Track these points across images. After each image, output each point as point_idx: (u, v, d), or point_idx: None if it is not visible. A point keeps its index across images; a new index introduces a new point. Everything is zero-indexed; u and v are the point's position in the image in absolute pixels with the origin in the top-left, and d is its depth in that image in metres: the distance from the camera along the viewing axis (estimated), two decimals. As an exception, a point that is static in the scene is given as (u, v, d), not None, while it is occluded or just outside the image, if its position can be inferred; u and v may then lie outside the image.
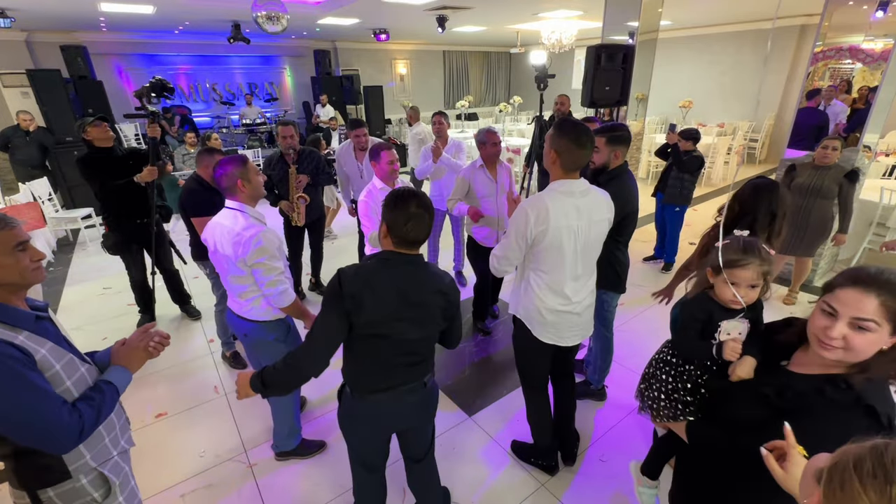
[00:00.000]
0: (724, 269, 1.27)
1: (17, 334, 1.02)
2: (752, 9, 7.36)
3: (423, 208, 1.35)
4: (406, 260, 1.40)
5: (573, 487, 2.13)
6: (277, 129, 3.39)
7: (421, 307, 1.39)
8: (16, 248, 1.07)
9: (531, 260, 1.81)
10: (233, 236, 1.82)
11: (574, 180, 1.73)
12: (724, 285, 1.29)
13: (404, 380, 1.49)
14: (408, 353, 1.45)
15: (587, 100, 4.23)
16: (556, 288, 1.81)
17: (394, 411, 1.53)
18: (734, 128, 8.82)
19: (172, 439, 2.46)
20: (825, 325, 0.96)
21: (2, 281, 1.06)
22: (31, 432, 1.00)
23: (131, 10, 6.12)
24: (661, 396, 1.41)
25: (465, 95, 12.18)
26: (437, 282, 1.43)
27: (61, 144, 6.14)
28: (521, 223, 1.70)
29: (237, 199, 1.90)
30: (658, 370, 1.48)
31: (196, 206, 2.66)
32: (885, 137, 6.56)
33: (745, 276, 1.26)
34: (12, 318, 1.04)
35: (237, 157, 1.90)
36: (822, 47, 3.81)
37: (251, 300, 1.96)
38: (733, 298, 1.28)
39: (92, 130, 3.04)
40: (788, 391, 1.02)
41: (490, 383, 2.85)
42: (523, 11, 7.32)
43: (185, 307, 3.73)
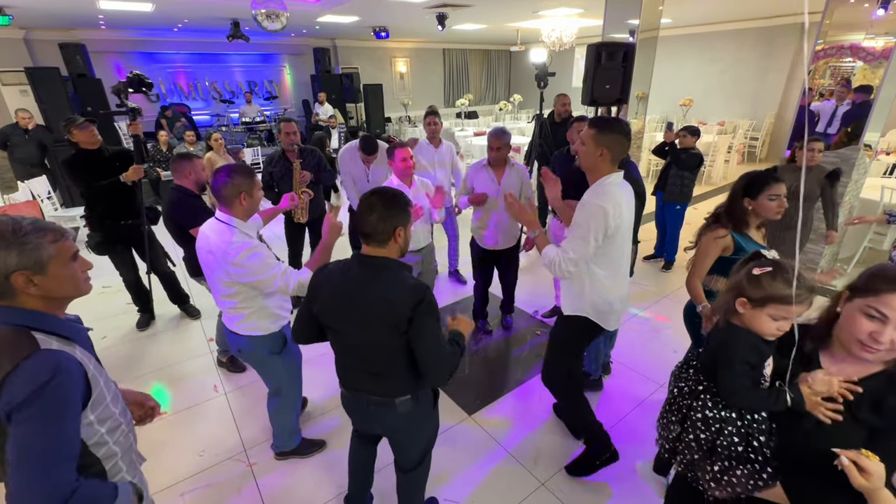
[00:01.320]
0: (773, 304, 1.09)
1: (75, 349, 0.98)
2: (752, 7, 7.34)
3: (377, 197, 1.36)
4: (360, 260, 1.39)
5: (573, 487, 2.13)
6: (280, 125, 3.38)
7: (364, 311, 1.35)
8: (72, 259, 1.02)
9: (600, 255, 1.82)
10: (219, 253, 1.75)
11: (619, 172, 1.80)
12: (768, 319, 1.11)
13: (368, 388, 1.48)
14: (364, 359, 1.44)
15: (587, 98, 4.21)
16: (622, 275, 1.92)
17: (361, 415, 1.58)
18: (734, 126, 8.81)
19: (172, 439, 2.46)
20: (873, 330, 0.96)
21: (60, 294, 1.01)
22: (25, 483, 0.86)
23: (130, 8, 6.09)
24: (732, 464, 1.10)
25: (465, 94, 12.17)
26: (383, 289, 1.34)
27: (60, 142, 6.11)
28: (600, 219, 1.69)
29: (230, 213, 1.80)
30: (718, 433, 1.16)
31: (191, 216, 2.47)
32: (886, 136, 6.55)
33: (799, 311, 1.07)
34: (68, 332, 1.00)
35: (245, 169, 1.83)
36: (823, 45, 3.80)
37: (242, 316, 1.90)
38: (776, 333, 1.12)
39: (77, 133, 3.00)
40: (882, 405, 0.97)
41: (490, 383, 2.85)
42: (523, 9, 7.30)
43: (184, 307, 3.72)
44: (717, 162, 7.68)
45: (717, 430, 1.16)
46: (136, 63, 8.85)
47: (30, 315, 0.96)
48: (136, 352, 3.27)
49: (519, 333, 3.40)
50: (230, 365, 3.02)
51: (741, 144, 8.59)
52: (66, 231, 1.03)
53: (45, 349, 0.92)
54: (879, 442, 0.96)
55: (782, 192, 1.78)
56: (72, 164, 3.03)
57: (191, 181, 2.64)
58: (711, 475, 1.13)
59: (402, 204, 1.38)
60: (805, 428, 1.07)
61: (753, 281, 1.12)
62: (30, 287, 0.95)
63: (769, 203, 1.79)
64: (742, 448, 1.12)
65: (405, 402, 1.47)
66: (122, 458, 1.09)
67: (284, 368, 2.09)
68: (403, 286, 1.35)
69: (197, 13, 6.86)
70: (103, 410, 1.02)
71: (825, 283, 1.88)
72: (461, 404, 2.67)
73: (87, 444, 0.99)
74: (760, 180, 1.81)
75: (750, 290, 1.12)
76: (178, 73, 9.41)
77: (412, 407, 1.49)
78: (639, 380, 2.84)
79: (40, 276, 0.96)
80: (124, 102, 3.00)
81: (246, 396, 2.78)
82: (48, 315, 0.99)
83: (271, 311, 1.94)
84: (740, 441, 1.12)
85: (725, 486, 1.10)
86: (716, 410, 1.18)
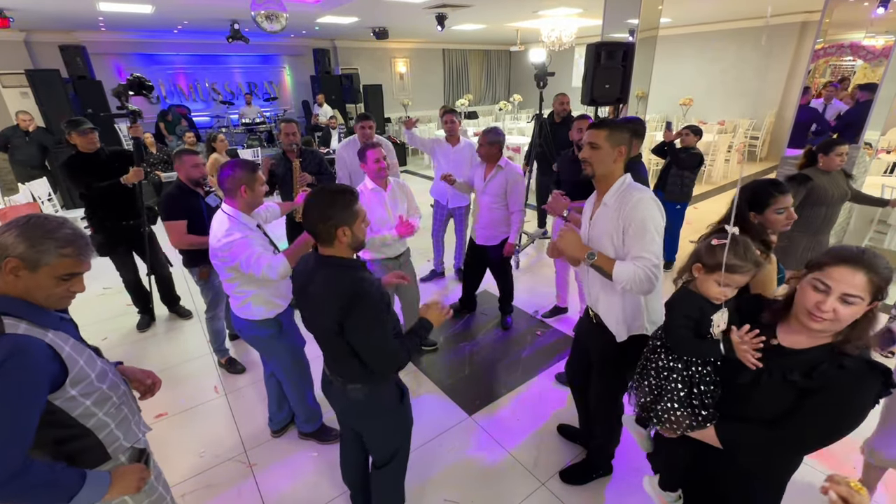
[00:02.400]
0: (720, 271, 1.24)
1: (46, 332, 1.04)
2: (752, 6, 7.33)
3: (311, 202, 1.39)
4: (315, 256, 1.45)
5: (573, 487, 2.13)
6: (280, 126, 3.39)
7: (308, 305, 1.46)
8: (62, 277, 1.07)
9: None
10: (214, 241, 1.91)
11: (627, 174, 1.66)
12: (714, 284, 1.28)
13: (332, 367, 1.57)
14: (321, 345, 1.54)
15: (587, 97, 4.21)
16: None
17: (328, 395, 1.65)
18: (735, 125, 8.80)
19: (172, 439, 2.46)
20: (818, 300, 1.06)
21: (35, 295, 1.06)
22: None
23: (130, 10, 6.10)
24: (674, 406, 1.31)
25: (465, 94, 12.18)
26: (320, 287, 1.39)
27: (61, 144, 6.12)
28: (657, 217, 1.57)
29: (234, 204, 1.95)
30: (664, 380, 1.37)
31: (169, 210, 2.60)
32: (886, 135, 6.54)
33: (739, 280, 1.27)
34: (39, 318, 1.05)
35: (247, 163, 1.95)
36: (823, 44, 3.80)
37: (241, 299, 2.05)
38: (719, 296, 1.28)
39: (77, 138, 3.03)
40: (816, 372, 1.08)
41: (490, 383, 2.85)
42: (523, 9, 7.30)
43: (175, 308, 3.73)
44: (718, 161, 7.68)
45: (664, 376, 1.38)
46: (136, 65, 8.85)
47: (4, 299, 1.02)
48: (136, 353, 3.27)
49: (519, 334, 3.40)
50: (229, 366, 3.03)
51: (741, 144, 8.57)
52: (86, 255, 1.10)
53: (9, 333, 0.98)
54: (807, 401, 1.09)
55: (789, 204, 1.65)
56: (70, 165, 3.04)
57: (182, 176, 2.72)
58: (656, 414, 1.35)
59: (342, 203, 1.37)
60: (741, 382, 1.22)
61: (710, 250, 1.29)
62: (16, 275, 1.02)
63: (777, 217, 1.64)
64: (685, 393, 1.31)
65: (356, 389, 1.52)
66: (116, 427, 1.18)
67: (284, 350, 2.19)
68: (337, 288, 1.36)
69: (196, 15, 6.87)
70: (86, 386, 1.09)
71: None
72: (461, 404, 2.67)
73: (71, 414, 1.07)
74: (765, 194, 1.65)
75: (705, 258, 1.30)
76: (178, 74, 9.41)
77: (363, 396, 1.53)
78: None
79: (27, 272, 1.02)
80: (125, 105, 3.02)
81: (246, 397, 2.78)
82: (20, 301, 1.04)
83: (266, 298, 2.06)
84: (683, 387, 1.32)
85: (667, 423, 1.32)
86: (665, 361, 1.39)
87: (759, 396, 1.18)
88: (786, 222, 1.66)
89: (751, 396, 1.21)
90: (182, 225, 2.59)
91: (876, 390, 1.05)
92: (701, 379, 1.31)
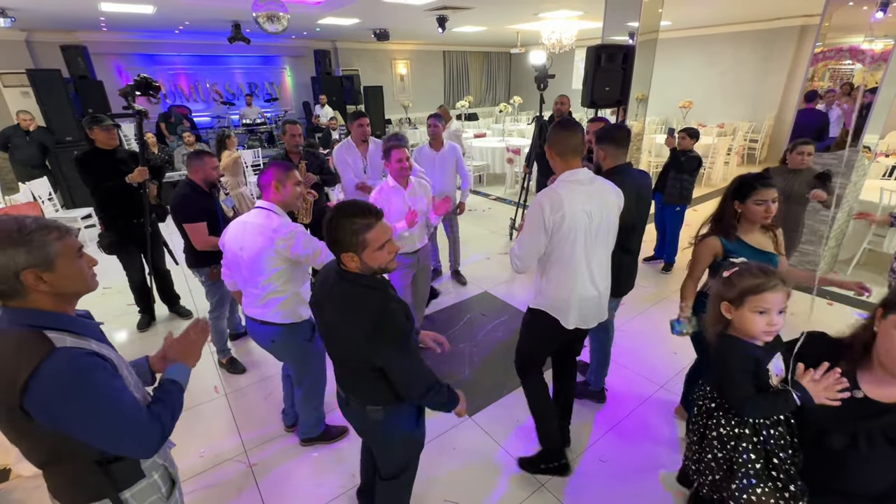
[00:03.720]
0: (749, 297, 1.13)
1: (90, 343, 1.02)
2: (751, 9, 7.36)
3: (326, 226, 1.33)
4: (337, 270, 1.38)
5: (574, 488, 2.13)
6: (284, 127, 3.38)
7: (328, 324, 1.41)
8: (78, 255, 1.04)
9: (554, 250, 1.84)
10: (269, 231, 1.87)
11: (578, 169, 1.80)
12: (752, 316, 1.14)
13: (347, 386, 1.52)
14: (336, 362, 1.49)
15: (587, 100, 4.23)
16: (582, 274, 1.87)
17: (344, 408, 1.60)
18: (734, 128, 8.83)
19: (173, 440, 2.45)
20: None
21: (69, 290, 1.03)
22: (123, 440, 1.00)
23: (131, 10, 6.12)
24: (752, 482, 1.09)
25: (466, 95, 12.19)
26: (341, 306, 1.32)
27: (61, 144, 6.14)
28: (538, 214, 1.76)
29: (271, 200, 1.98)
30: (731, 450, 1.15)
31: (189, 212, 2.60)
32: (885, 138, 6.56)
33: (774, 298, 1.12)
34: (80, 328, 1.03)
35: (284, 164, 2.02)
36: (823, 48, 3.81)
37: (277, 302, 1.97)
38: (766, 329, 1.13)
39: (99, 133, 3.03)
40: None
41: (490, 383, 2.85)
42: (523, 11, 7.32)
43: (174, 308, 3.73)
44: (717, 163, 7.70)
45: (732, 447, 1.15)
46: (138, 65, 8.86)
47: (42, 315, 0.99)
48: (136, 353, 3.21)
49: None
50: (230, 366, 3.03)
51: (741, 146, 8.60)
52: (69, 228, 1.05)
53: (60, 347, 0.95)
54: None
55: (769, 198, 1.76)
56: (84, 161, 3.05)
57: (199, 177, 2.70)
58: (730, 494, 1.13)
59: (348, 230, 1.28)
60: (834, 447, 1.01)
61: (727, 283, 1.19)
62: (40, 284, 0.97)
63: (756, 208, 1.78)
64: (761, 465, 1.10)
65: (375, 411, 1.47)
66: None
67: (316, 357, 2.18)
68: (361, 308, 1.30)
69: (198, 15, 6.88)
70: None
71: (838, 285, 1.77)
72: (461, 405, 2.67)
73: None
74: (749, 184, 1.80)
75: (727, 293, 1.19)
76: (179, 74, 9.43)
77: (383, 418, 1.48)
78: (639, 381, 2.84)
79: (49, 273, 0.97)
80: (132, 105, 3.03)
81: (246, 397, 2.78)
82: (59, 314, 1.01)
83: (303, 298, 2.04)
84: (758, 458, 1.10)
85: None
86: (729, 427, 1.17)
87: (862, 465, 0.98)
88: (764, 215, 1.78)
89: (848, 465, 1.00)
90: (204, 226, 2.60)
91: None
92: (776, 444, 1.10)
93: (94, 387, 0.95)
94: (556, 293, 1.91)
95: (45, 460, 1.04)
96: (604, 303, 1.99)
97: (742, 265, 1.20)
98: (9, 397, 0.91)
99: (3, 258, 0.93)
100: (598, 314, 1.99)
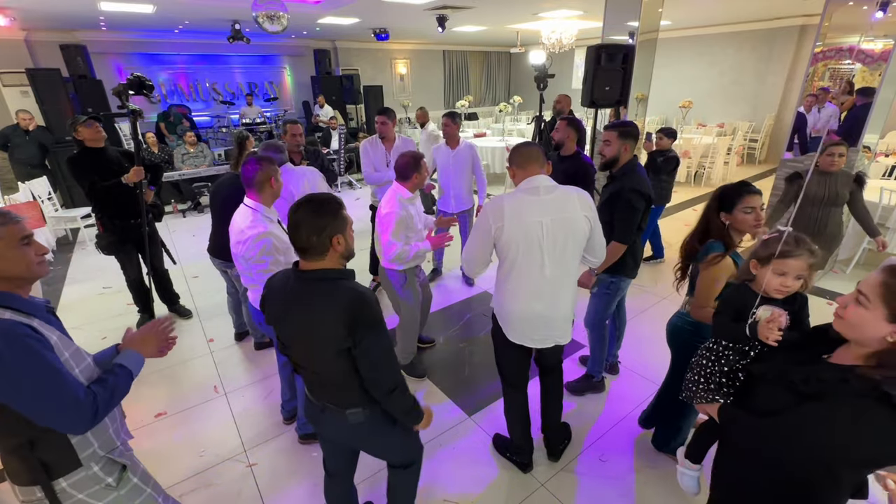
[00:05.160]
0: (775, 259, 1.30)
1: (31, 321, 1.07)
2: (751, 9, 7.36)
3: (298, 215, 1.28)
4: (298, 276, 1.33)
5: (573, 487, 2.13)
6: (285, 127, 3.38)
7: (299, 327, 1.34)
8: (21, 242, 1.11)
9: (502, 259, 1.85)
10: (238, 234, 1.97)
11: (535, 176, 1.76)
12: (771, 274, 1.32)
13: (322, 397, 1.45)
14: (309, 370, 1.42)
15: (587, 100, 4.23)
16: (524, 287, 1.82)
17: (321, 423, 1.52)
18: (734, 128, 8.83)
19: (172, 439, 2.46)
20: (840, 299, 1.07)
21: (8, 274, 1.09)
22: (49, 409, 1.03)
23: (131, 10, 6.11)
24: (699, 379, 1.44)
25: (465, 95, 12.18)
26: (317, 304, 1.29)
27: (61, 143, 6.13)
28: (481, 221, 1.79)
29: (257, 198, 2.02)
30: (700, 356, 1.49)
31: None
32: (885, 138, 6.56)
33: (795, 265, 1.31)
34: (24, 307, 1.09)
35: (271, 157, 2.07)
36: (822, 48, 3.81)
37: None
38: (778, 288, 1.33)
39: (83, 131, 3.02)
40: (813, 378, 1.05)
41: (490, 383, 2.85)
42: (523, 11, 7.32)
43: (174, 307, 3.73)
44: (717, 164, 7.69)
45: (701, 354, 1.50)
46: (137, 64, 8.85)
47: None
48: (136, 352, 3.26)
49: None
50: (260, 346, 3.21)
51: (741, 146, 8.60)
52: (13, 216, 1.13)
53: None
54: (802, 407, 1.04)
55: (757, 204, 1.70)
56: (76, 162, 3.04)
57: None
58: (685, 386, 1.51)
59: (332, 211, 1.30)
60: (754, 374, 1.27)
61: (763, 245, 1.37)
62: None
63: (745, 216, 1.71)
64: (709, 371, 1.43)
65: (355, 413, 1.43)
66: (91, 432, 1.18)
67: None
68: (341, 303, 1.27)
69: (198, 15, 6.87)
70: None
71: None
72: (461, 405, 2.67)
73: None
74: (733, 193, 1.74)
75: (760, 252, 1.37)
76: (179, 74, 9.42)
77: (365, 419, 1.44)
78: (639, 381, 2.84)
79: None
80: (126, 104, 3.02)
81: (246, 397, 2.78)
82: (3, 292, 1.07)
83: None
84: (710, 365, 1.44)
85: (689, 393, 1.48)
86: (708, 343, 1.51)
87: (763, 389, 1.21)
88: (754, 222, 1.72)
89: (756, 387, 1.24)
90: None
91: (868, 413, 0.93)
92: (726, 361, 1.40)
93: (25, 358, 1.00)
94: (500, 303, 1.94)
95: None
96: (555, 324, 1.88)
97: (783, 232, 1.32)
98: None
99: None
100: (545, 333, 1.90)
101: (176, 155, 6.65)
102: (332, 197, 1.35)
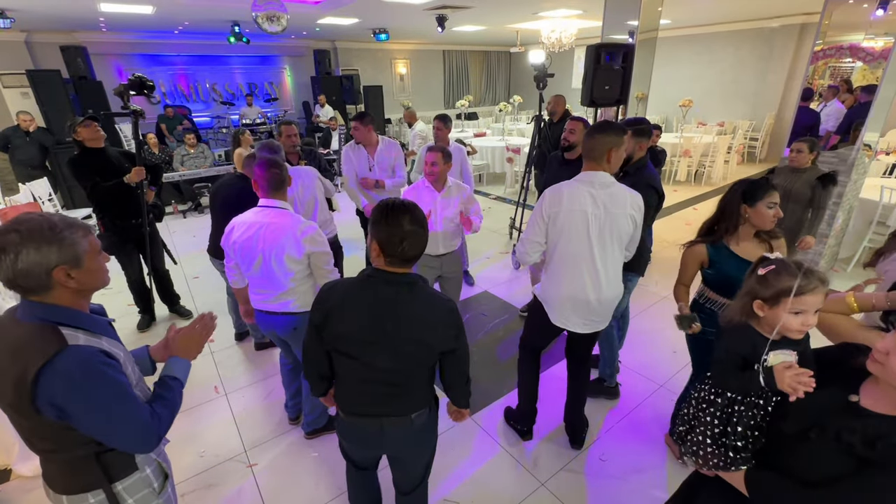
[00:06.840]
0: (786, 298, 1.13)
1: (101, 340, 1.04)
2: (751, 8, 7.35)
3: (417, 224, 1.26)
4: (387, 279, 1.27)
5: (574, 487, 2.13)
6: (281, 128, 3.37)
7: (396, 335, 1.27)
8: (99, 251, 1.09)
9: (552, 245, 1.92)
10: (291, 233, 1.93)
11: (596, 172, 1.85)
12: (787, 316, 1.13)
13: (385, 410, 1.39)
14: (385, 383, 1.34)
15: (587, 99, 4.22)
16: (572, 273, 1.92)
17: (375, 439, 1.45)
18: (734, 127, 8.82)
19: (172, 439, 2.43)
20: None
21: (91, 286, 1.07)
22: (119, 434, 1.03)
23: (131, 11, 6.12)
24: (706, 442, 1.21)
25: (465, 95, 12.18)
26: (425, 313, 1.29)
27: (61, 145, 6.14)
28: (538, 205, 1.90)
29: (282, 198, 2.03)
30: (701, 412, 1.28)
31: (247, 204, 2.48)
32: (886, 136, 6.55)
33: (813, 301, 1.12)
34: (93, 325, 1.06)
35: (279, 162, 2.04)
36: (823, 46, 3.81)
37: (299, 294, 2.06)
38: (800, 328, 1.14)
39: (82, 131, 3.01)
40: (879, 441, 0.88)
41: (490, 383, 2.85)
42: (523, 11, 7.31)
43: (175, 308, 3.73)
44: (717, 162, 7.69)
45: (702, 408, 1.29)
46: (137, 65, 8.87)
47: (58, 311, 1.01)
48: (136, 353, 3.27)
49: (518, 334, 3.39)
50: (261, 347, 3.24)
51: (741, 145, 8.59)
52: (90, 226, 1.09)
53: (72, 345, 0.97)
54: (866, 475, 0.90)
55: (778, 200, 1.74)
56: (76, 163, 3.04)
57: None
58: (686, 447, 1.28)
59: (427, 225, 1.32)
60: (787, 432, 1.06)
61: (762, 281, 1.17)
62: (68, 281, 1.00)
63: (767, 211, 1.72)
64: (719, 431, 1.21)
65: (421, 414, 1.43)
66: None
67: None
68: (441, 308, 1.31)
69: (197, 16, 6.88)
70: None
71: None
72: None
73: None
74: (760, 187, 1.73)
75: (761, 291, 1.17)
76: (179, 75, 9.43)
77: (427, 418, 1.46)
78: (639, 380, 2.84)
79: (77, 270, 1.01)
80: (127, 104, 3.03)
81: (246, 397, 2.78)
82: (75, 311, 1.04)
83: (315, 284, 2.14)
84: (719, 424, 1.22)
85: (693, 456, 1.24)
86: (707, 393, 1.30)
87: (808, 453, 1.00)
88: (773, 218, 1.75)
89: (797, 449, 1.02)
90: None
91: None
92: (740, 419, 1.18)
93: (101, 387, 0.98)
94: (547, 287, 2.02)
95: (43, 448, 1.06)
96: (599, 309, 1.98)
97: (779, 262, 1.17)
98: (18, 387, 0.93)
99: (37, 256, 0.95)
100: (588, 319, 2.00)
101: (176, 156, 6.66)
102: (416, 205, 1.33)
